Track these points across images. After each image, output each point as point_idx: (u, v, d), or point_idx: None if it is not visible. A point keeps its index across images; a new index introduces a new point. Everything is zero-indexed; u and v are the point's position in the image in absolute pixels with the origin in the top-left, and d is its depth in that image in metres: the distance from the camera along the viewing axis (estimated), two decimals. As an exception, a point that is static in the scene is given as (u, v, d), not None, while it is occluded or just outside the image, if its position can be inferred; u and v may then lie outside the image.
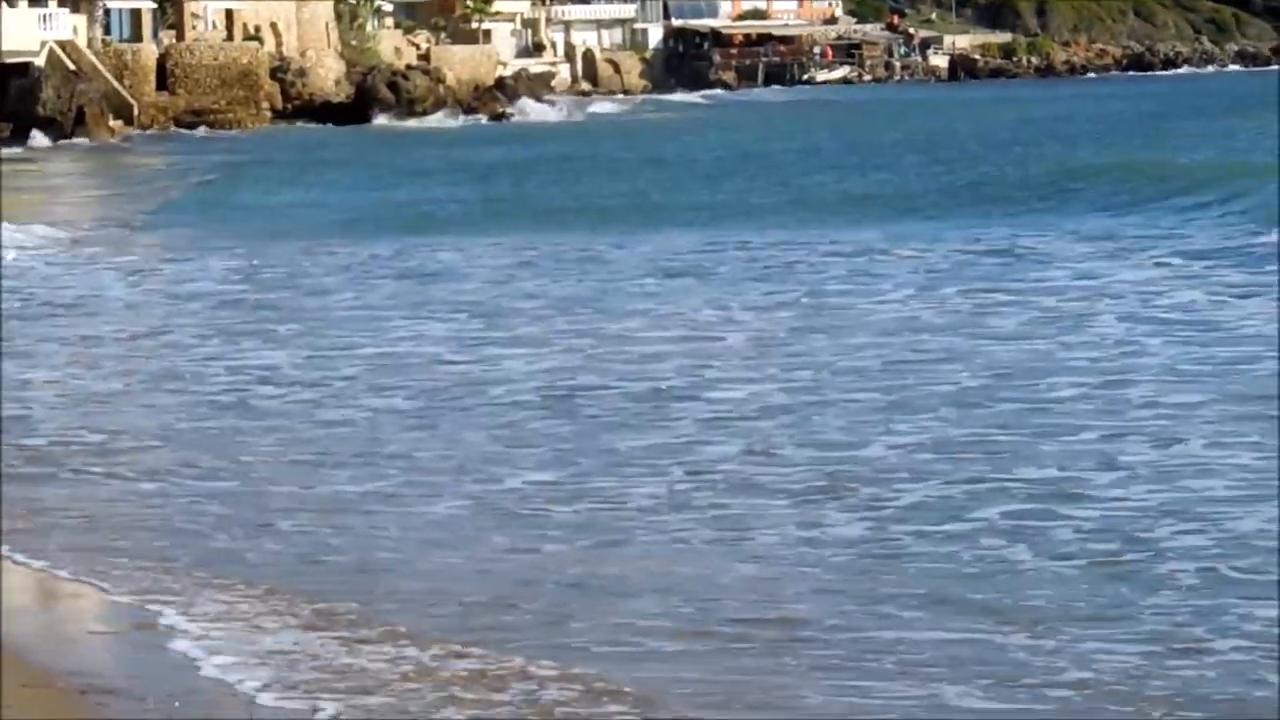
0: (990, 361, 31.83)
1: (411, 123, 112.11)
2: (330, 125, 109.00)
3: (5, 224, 61.92)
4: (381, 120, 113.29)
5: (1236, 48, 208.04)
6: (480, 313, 40.80)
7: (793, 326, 37.85)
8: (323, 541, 21.69)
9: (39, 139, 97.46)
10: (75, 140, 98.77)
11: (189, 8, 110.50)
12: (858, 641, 14.96)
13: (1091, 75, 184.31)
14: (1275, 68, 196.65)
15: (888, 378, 30.78)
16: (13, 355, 36.99)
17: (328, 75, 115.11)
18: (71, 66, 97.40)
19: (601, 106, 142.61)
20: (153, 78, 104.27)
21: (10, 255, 55.11)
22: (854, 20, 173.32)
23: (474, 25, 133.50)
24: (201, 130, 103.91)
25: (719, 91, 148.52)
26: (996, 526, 19.92)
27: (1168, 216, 57.98)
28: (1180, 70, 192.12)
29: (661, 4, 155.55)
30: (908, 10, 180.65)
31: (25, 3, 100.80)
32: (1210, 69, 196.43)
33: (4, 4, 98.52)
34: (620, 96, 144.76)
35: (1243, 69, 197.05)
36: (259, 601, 18.73)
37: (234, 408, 30.77)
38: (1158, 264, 46.37)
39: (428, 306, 42.77)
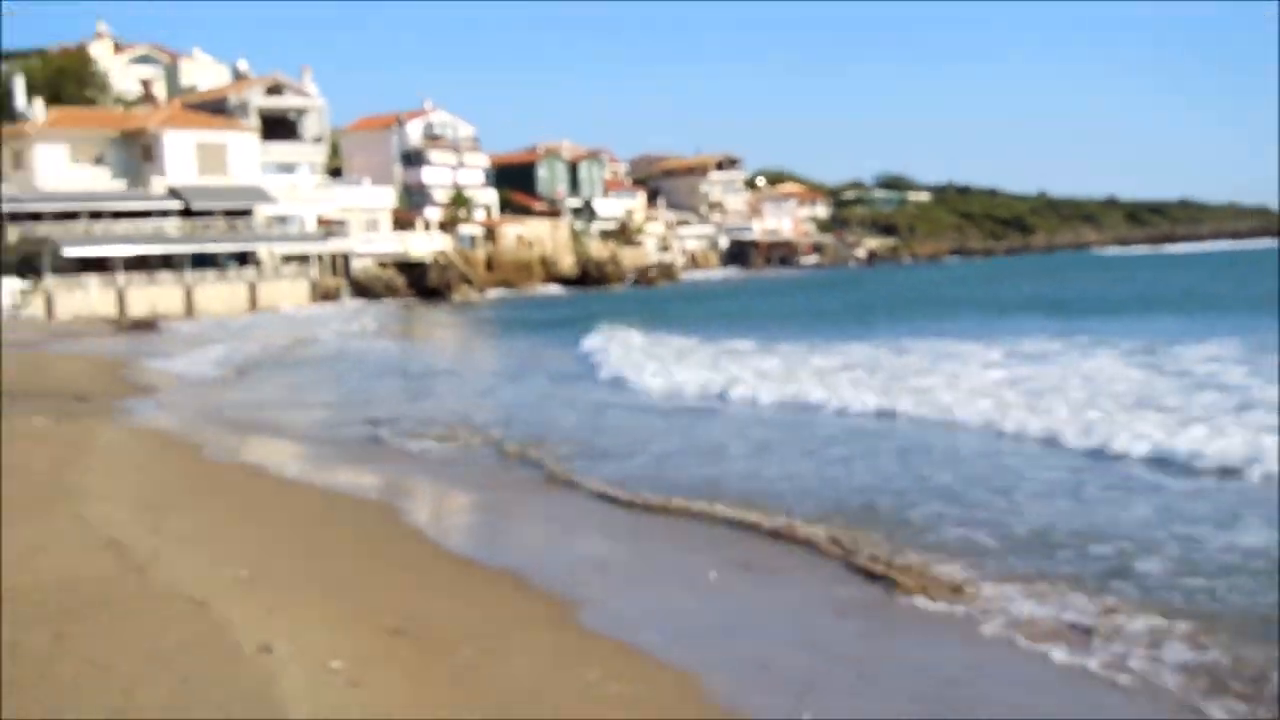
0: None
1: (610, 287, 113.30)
2: (568, 290, 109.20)
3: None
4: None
5: (1006, 244, 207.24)
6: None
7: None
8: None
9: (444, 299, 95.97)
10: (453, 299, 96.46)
11: (499, 233, 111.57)
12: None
13: (909, 261, 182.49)
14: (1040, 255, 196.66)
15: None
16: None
17: (565, 263, 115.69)
18: (444, 263, 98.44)
19: (714, 274, 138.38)
20: (483, 267, 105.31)
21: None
22: (819, 232, 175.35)
23: (637, 239, 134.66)
24: (504, 291, 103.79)
25: (756, 270, 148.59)
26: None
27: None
28: (980, 258, 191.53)
29: (725, 227, 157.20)
30: (845, 228, 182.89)
31: (424, 229, 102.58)
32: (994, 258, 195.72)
33: (411, 230, 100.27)
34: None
35: (1004, 256, 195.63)
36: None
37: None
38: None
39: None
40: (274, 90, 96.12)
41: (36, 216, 77.18)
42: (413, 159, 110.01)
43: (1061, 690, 8.86)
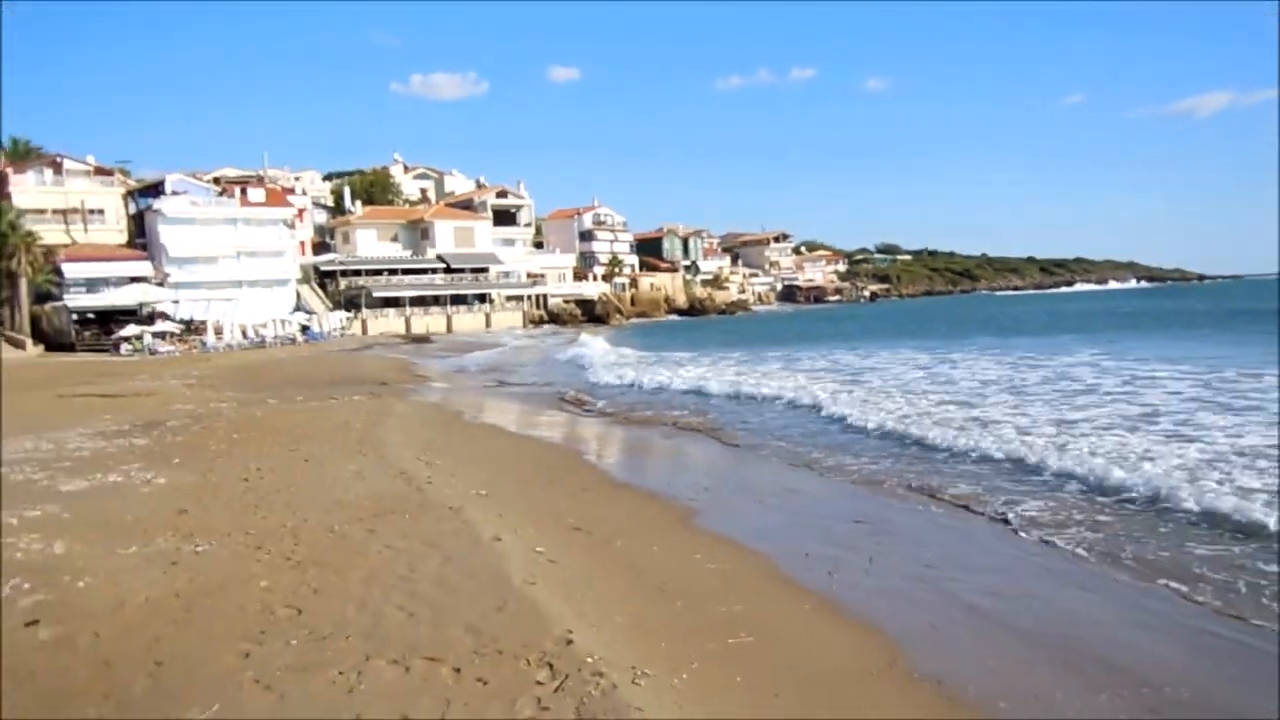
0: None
1: (708, 316, 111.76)
2: (682, 318, 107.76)
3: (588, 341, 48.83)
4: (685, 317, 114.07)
5: (961, 288, 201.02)
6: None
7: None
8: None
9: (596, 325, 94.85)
10: (606, 325, 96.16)
11: (639, 282, 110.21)
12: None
13: (897, 299, 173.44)
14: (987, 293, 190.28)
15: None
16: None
17: (680, 300, 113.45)
18: (604, 300, 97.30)
19: (767, 307, 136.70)
20: (628, 303, 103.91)
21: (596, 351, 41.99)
22: (839, 280, 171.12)
23: (725, 286, 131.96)
24: (641, 319, 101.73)
25: (799, 304, 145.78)
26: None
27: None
28: (943, 296, 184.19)
29: (779, 277, 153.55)
30: (856, 277, 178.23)
31: (592, 279, 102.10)
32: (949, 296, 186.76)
33: (585, 281, 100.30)
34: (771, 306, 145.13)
35: (959, 295, 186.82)
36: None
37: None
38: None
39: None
40: (501, 195, 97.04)
41: (357, 273, 78.64)
42: (586, 237, 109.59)
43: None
